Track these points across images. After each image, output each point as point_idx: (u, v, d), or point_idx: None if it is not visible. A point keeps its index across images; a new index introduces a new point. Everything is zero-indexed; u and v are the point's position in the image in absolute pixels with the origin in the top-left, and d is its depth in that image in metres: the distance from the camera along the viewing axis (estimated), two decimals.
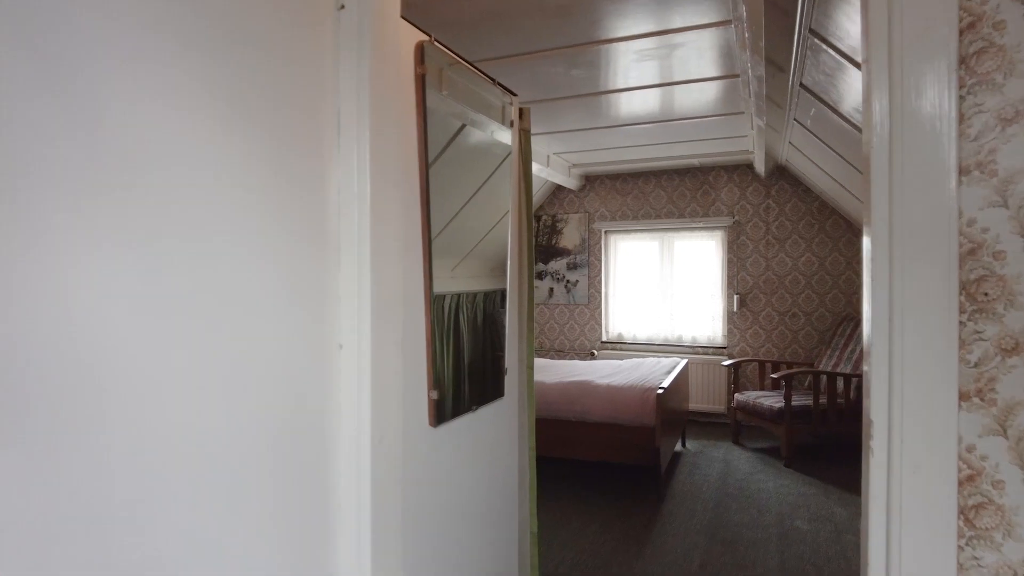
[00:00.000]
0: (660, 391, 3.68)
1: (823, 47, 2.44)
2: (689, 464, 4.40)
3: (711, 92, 3.59)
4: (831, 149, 3.61)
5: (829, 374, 4.32)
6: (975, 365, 0.89)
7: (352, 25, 1.36)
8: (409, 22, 1.64)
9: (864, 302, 1.03)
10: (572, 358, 6.30)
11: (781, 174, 5.47)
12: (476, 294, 1.99)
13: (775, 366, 5.07)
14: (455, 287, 1.89)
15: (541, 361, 5.08)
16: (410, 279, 1.61)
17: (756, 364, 5.32)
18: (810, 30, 2.40)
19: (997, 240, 0.88)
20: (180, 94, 0.99)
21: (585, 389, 3.88)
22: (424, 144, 1.66)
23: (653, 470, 3.72)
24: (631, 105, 3.89)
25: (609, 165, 5.73)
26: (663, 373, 4.27)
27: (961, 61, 0.91)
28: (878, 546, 0.93)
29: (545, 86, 3.45)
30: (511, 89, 2.24)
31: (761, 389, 5.08)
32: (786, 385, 4.25)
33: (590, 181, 6.24)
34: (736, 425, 4.93)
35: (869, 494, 0.95)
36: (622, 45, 2.87)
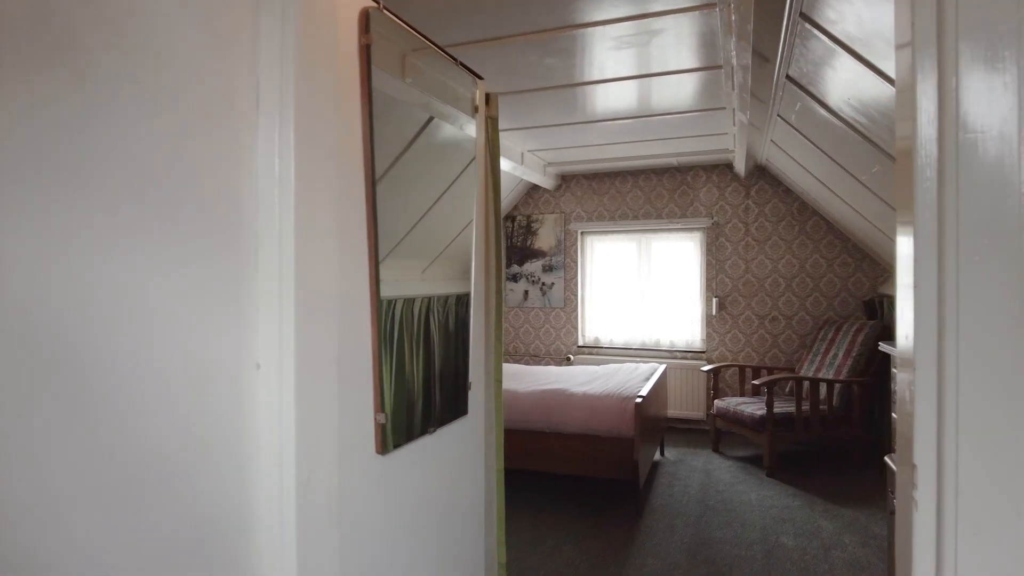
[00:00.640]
0: (638, 400, 3.49)
1: (815, 32, 2.27)
2: (668, 474, 4.22)
3: (691, 85, 3.41)
4: (815, 146, 3.46)
5: (812, 380, 4.18)
6: None
7: None
8: None
9: (899, 316, 0.83)
10: (547, 363, 6.09)
11: (761, 174, 5.34)
12: (435, 299, 1.76)
13: (755, 371, 4.92)
14: (408, 291, 1.66)
15: (514, 367, 4.86)
16: (351, 282, 1.38)
17: (736, 369, 5.17)
18: (801, 14, 2.22)
19: None
20: None
21: (560, 398, 3.67)
22: (369, 125, 1.43)
23: (631, 484, 3.52)
24: (607, 99, 3.70)
25: (585, 164, 5.55)
26: (641, 380, 4.08)
27: None
28: None
29: (517, 76, 3.24)
30: (476, 71, 2.02)
31: (741, 395, 4.92)
32: (768, 392, 4.09)
33: (566, 180, 6.05)
34: (716, 433, 4.77)
35: (912, 562, 0.74)
36: (598, 30, 2.67)
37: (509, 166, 4.94)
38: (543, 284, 6.15)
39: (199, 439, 1.01)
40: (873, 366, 4.35)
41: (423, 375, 1.67)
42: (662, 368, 4.57)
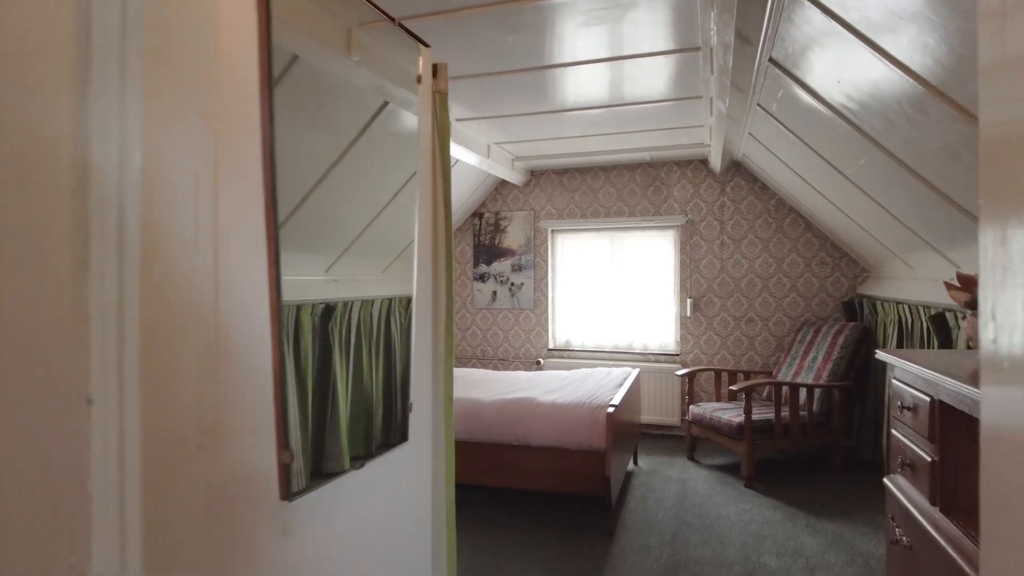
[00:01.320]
0: (611, 409, 3.23)
1: (805, 3, 2.03)
2: (642, 485, 3.98)
3: (666, 70, 3.17)
4: (797, 138, 3.25)
5: (791, 385, 3.98)
6: None
7: None
8: None
9: (994, 318, 0.57)
10: (516, 367, 5.82)
11: (737, 170, 5.15)
12: (364, 303, 1.47)
13: (732, 375, 4.72)
14: (329, 293, 1.37)
15: (480, 373, 4.58)
16: (238, 283, 1.08)
17: (712, 373, 4.97)
18: None
19: None
20: None
21: (527, 408, 3.40)
22: (267, 84, 1.13)
23: (603, 501, 3.26)
24: (577, 86, 3.44)
25: (555, 159, 5.29)
26: (614, 387, 3.83)
27: None
28: None
29: (479, 56, 2.96)
30: (421, 38, 1.73)
31: (717, 400, 4.72)
32: (746, 398, 3.88)
33: (536, 176, 5.79)
34: (691, 440, 4.55)
35: None
36: (566, 3, 2.40)
37: (476, 160, 4.66)
38: (512, 284, 5.88)
39: (4, 500, 0.70)
40: (853, 370, 4.18)
41: (349, 398, 1.38)
42: (635, 373, 4.34)
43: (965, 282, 1.64)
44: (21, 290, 0.75)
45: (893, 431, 1.87)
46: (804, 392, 4.10)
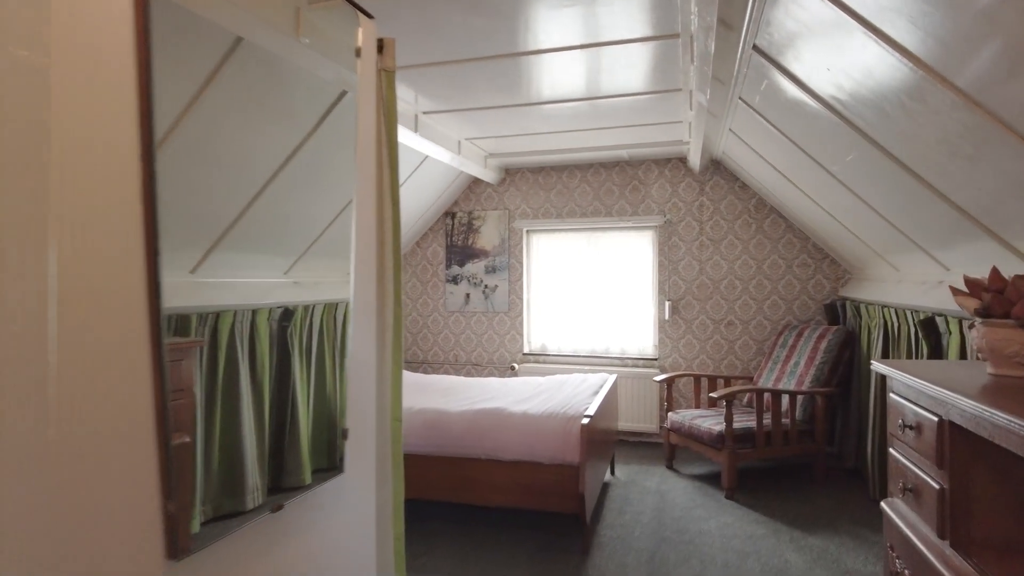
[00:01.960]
0: (585, 420, 3.04)
1: None
2: (619, 498, 3.79)
3: (644, 60, 2.98)
4: (781, 133, 3.09)
5: (773, 391, 3.83)
6: None
7: None
8: None
9: None
10: (490, 373, 5.61)
11: (716, 169, 5.00)
12: (327, 307, 1.25)
13: (711, 381, 4.56)
14: (288, 296, 1.15)
15: (449, 381, 4.35)
16: (102, 284, 0.85)
17: (691, 379, 4.80)
18: None
19: None
20: None
21: (497, 420, 3.18)
22: (145, 48, 0.90)
23: (578, 518, 3.06)
24: (551, 76, 3.24)
25: (530, 156, 5.09)
26: (589, 395, 3.64)
27: None
28: None
29: (442, 41, 2.74)
30: (364, 9, 1.51)
31: (697, 407, 4.56)
32: (727, 407, 3.72)
33: (510, 174, 5.58)
34: (670, 448, 4.38)
35: None
36: None
37: (447, 156, 4.44)
38: (486, 286, 5.66)
39: None
40: (837, 375, 4.04)
41: (263, 423, 1.15)
42: (612, 379, 4.15)
43: (973, 287, 1.47)
44: None
45: (892, 451, 1.70)
46: (786, 399, 3.95)
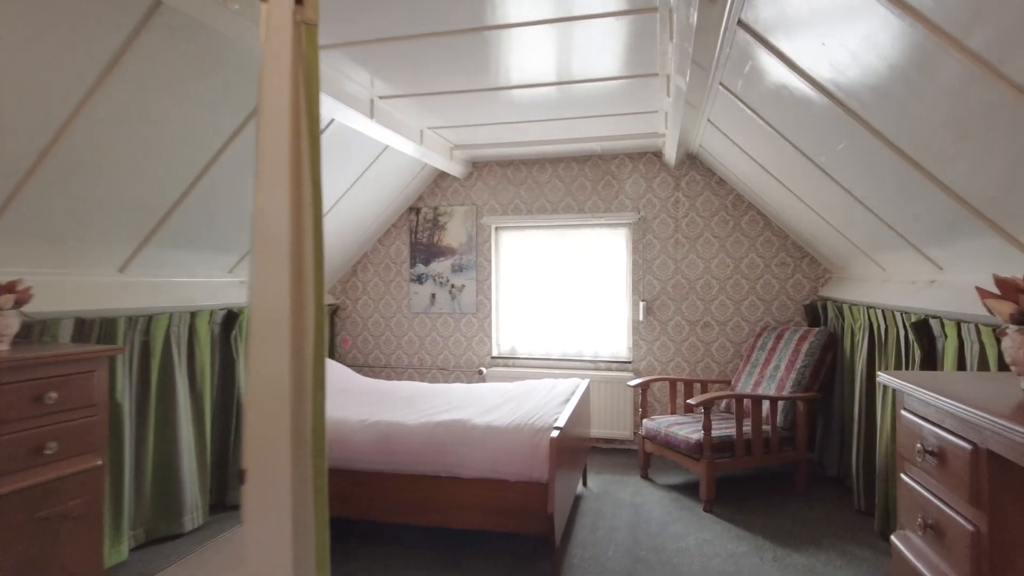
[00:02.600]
0: (555, 433, 2.77)
1: None
2: (592, 512, 3.54)
3: (619, 38, 2.73)
4: (764, 121, 2.87)
5: (753, 397, 3.62)
6: None
7: None
8: None
9: None
10: (457, 377, 5.32)
11: (692, 163, 4.79)
12: (222, 313, 0.95)
13: (688, 385, 4.35)
14: (234, 297, 0.85)
15: (410, 387, 4.05)
16: None
17: (666, 383, 4.58)
18: None
19: None
20: None
21: (459, 433, 2.90)
22: None
23: (547, 539, 2.80)
24: (519, 57, 2.97)
25: (498, 148, 4.81)
26: (559, 403, 3.38)
27: None
28: None
29: (398, 13, 2.45)
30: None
31: (673, 413, 4.34)
32: (704, 414, 3.50)
33: (477, 168, 5.29)
34: (645, 457, 4.15)
35: None
36: None
37: (409, 147, 4.14)
38: (452, 286, 5.37)
39: None
40: (819, 380, 3.86)
41: (204, 438, 0.85)
42: (584, 384, 3.90)
43: (1007, 288, 1.24)
44: None
45: (905, 477, 1.47)
46: (767, 404, 3.75)
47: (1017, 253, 2.04)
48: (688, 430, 3.71)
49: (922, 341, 2.63)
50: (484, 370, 5.21)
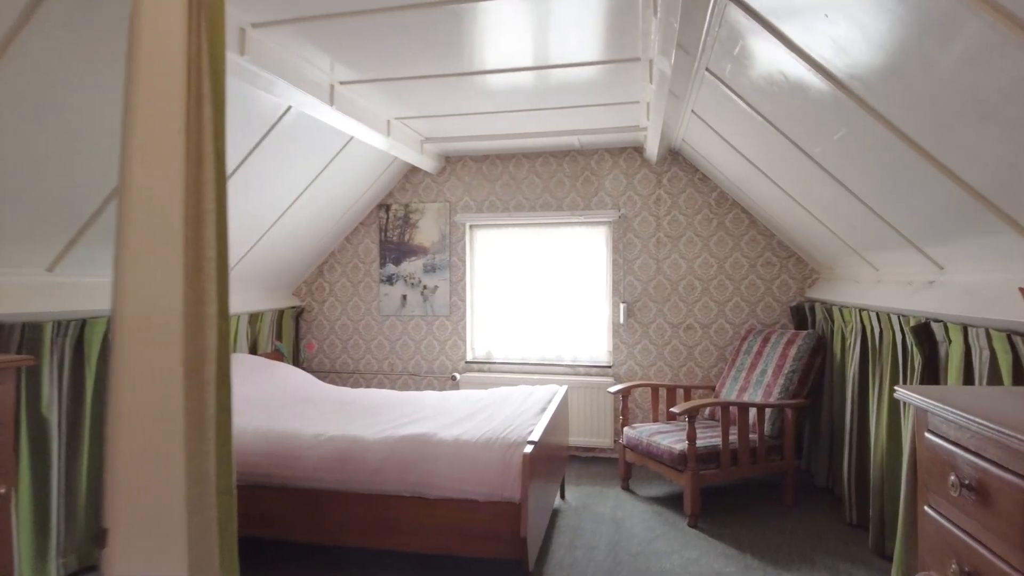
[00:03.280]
0: (528, 448, 2.54)
1: None
2: (570, 528, 3.31)
3: (598, 15, 2.51)
4: (753, 110, 2.66)
5: (740, 405, 3.42)
6: None
7: None
8: None
9: None
10: (430, 383, 5.06)
11: (675, 159, 4.60)
12: None
13: (670, 391, 4.14)
14: (105, 303, 0.62)
15: (378, 395, 3.79)
16: None
17: (648, 389, 4.37)
18: None
19: None
20: None
21: (423, 449, 2.65)
22: None
23: (520, 563, 2.55)
24: (493, 37, 2.73)
25: (472, 141, 4.56)
26: (535, 413, 3.15)
27: None
28: None
29: None
30: None
31: (655, 420, 4.13)
32: (689, 424, 3.29)
33: (451, 163, 5.04)
34: (626, 467, 3.93)
35: None
36: None
37: (376, 139, 3.88)
38: (425, 288, 5.10)
39: None
40: (807, 386, 3.68)
41: None
42: (563, 391, 3.67)
43: None
44: None
45: (930, 511, 1.25)
46: (754, 412, 3.56)
47: None
48: (671, 439, 3.50)
49: (923, 346, 2.45)
50: (458, 376, 4.95)
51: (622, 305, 4.66)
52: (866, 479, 3.13)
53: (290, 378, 4.04)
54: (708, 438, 3.47)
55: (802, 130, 2.50)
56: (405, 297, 5.13)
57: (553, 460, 3.18)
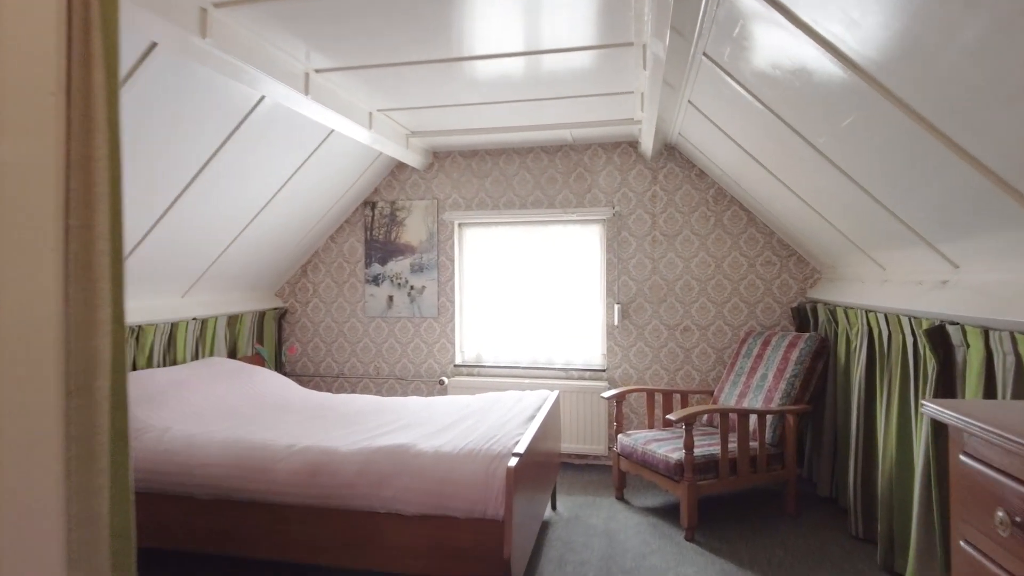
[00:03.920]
0: (513, 461, 2.35)
1: None
2: (560, 542, 3.13)
3: (588, 2, 2.33)
4: (754, 97, 2.49)
5: (740, 412, 3.24)
6: None
7: None
8: None
9: None
10: (417, 388, 4.87)
11: (670, 155, 4.43)
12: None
13: (667, 396, 3.97)
14: None
15: (360, 401, 3.60)
16: None
17: (644, 394, 4.20)
18: None
19: None
20: None
21: (400, 461, 2.46)
22: None
23: None
24: (479, 19, 2.55)
25: (460, 136, 4.38)
26: (523, 421, 2.97)
27: None
28: None
29: None
30: None
31: (650, 427, 3.95)
32: (687, 432, 3.11)
33: (439, 159, 4.86)
34: (620, 476, 3.75)
35: None
36: None
37: (359, 133, 3.70)
38: (412, 288, 4.92)
39: None
40: (809, 391, 3.50)
41: None
42: (554, 396, 3.49)
43: None
44: None
45: (967, 547, 1.08)
46: (754, 418, 3.39)
47: None
48: (667, 448, 3.32)
49: (937, 350, 2.27)
50: (446, 380, 4.77)
51: (616, 306, 4.49)
52: (873, 490, 2.96)
53: (268, 383, 3.85)
54: (706, 446, 3.30)
55: (806, 117, 2.33)
56: (392, 298, 4.95)
57: (543, 469, 3.00)
